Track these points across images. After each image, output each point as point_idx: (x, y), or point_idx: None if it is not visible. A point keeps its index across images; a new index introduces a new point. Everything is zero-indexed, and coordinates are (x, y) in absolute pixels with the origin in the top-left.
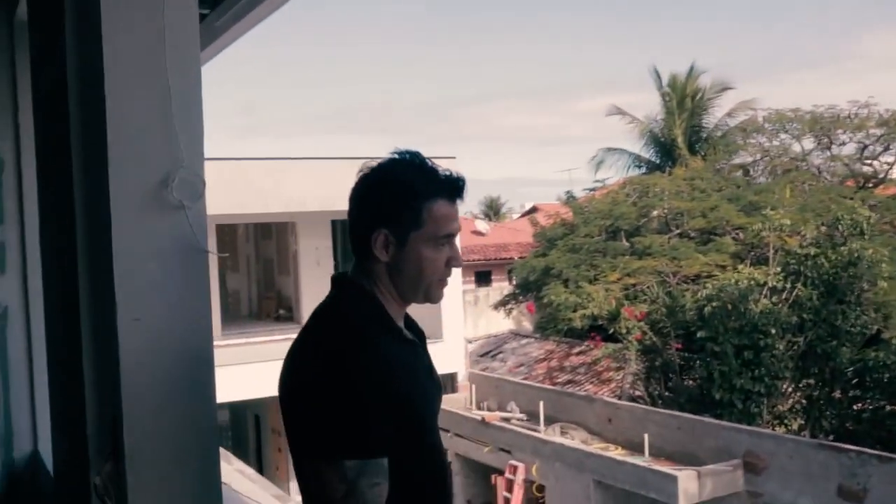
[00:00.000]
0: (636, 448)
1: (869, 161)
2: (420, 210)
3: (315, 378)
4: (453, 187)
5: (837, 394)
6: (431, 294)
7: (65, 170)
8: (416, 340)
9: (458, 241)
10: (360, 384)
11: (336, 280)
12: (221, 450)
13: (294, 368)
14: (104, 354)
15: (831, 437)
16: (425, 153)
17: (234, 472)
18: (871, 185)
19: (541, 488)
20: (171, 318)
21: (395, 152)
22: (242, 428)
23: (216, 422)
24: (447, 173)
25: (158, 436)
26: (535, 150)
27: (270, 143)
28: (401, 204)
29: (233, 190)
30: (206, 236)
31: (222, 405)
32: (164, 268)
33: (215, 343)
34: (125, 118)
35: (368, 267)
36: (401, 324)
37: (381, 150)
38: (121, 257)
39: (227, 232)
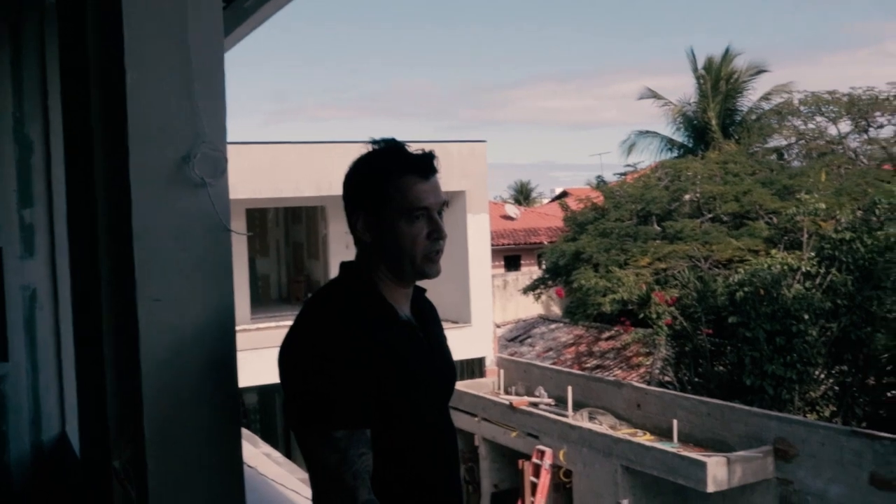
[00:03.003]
0: (665, 434)
1: None
2: (387, 187)
3: (299, 354)
4: (420, 163)
5: (871, 381)
6: (421, 269)
7: (88, 150)
8: (412, 322)
9: (482, 217)
10: (340, 358)
11: (341, 266)
12: (249, 433)
13: (284, 346)
14: (124, 336)
15: (864, 425)
16: (457, 137)
17: (260, 455)
18: None
19: (568, 473)
20: (192, 299)
21: (371, 141)
22: (271, 411)
23: (239, 404)
24: (415, 152)
25: (179, 419)
26: (567, 133)
27: (303, 125)
28: (369, 184)
29: (263, 174)
30: (228, 214)
31: (251, 388)
32: (185, 247)
33: (244, 327)
34: (145, 93)
35: (362, 251)
36: (403, 304)
37: (412, 133)
38: (140, 236)
39: (257, 216)
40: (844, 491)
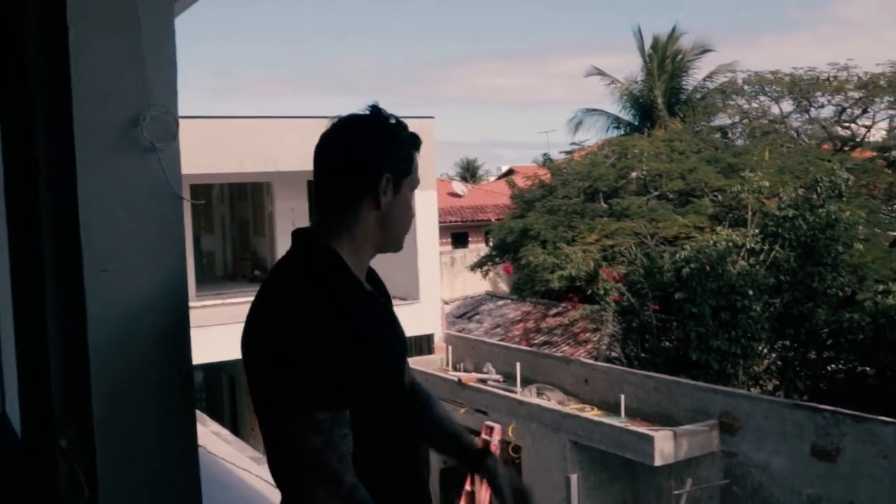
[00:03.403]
0: (612, 409)
1: (847, 124)
2: (411, 156)
3: (278, 333)
4: (418, 140)
5: (812, 355)
6: (401, 243)
7: (27, 111)
8: (375, 293)
9: (430, 194)
10: (322, 337)
11: (296, 235)
12: (197, 411)
13: (256, 326)
14: (69, 309)
15: (806, 398)
16: (404, 114)
17: (209, 433)
18: (848, 147)
19: (517, 449)
20: (142, 268)
21: (369, 108)
22: (217, 390)
23: (192, 379)
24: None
25: (130, 396)
26: (512, 112)
27: (245, 103)
28: (397, 148)
29: (207, 149)
30: (180, 181)
31: (197, 367)
32: (134, 214)
33: (190, 304)
34: (90, 53)
35: (345, 218)
36: (362, 276)
37: (356, 110)
38: (86, 203)
39: (202, 192)
40: (786, 462)
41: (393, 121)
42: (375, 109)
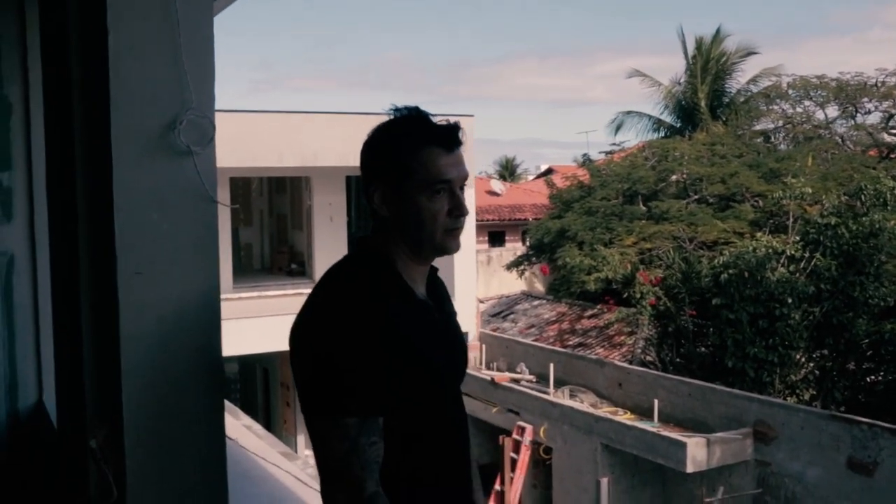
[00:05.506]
0: (646, 413)
1: (894, 130)
2: (409, 160)
3: (313, 336)
4: (445, 134)
5: (851, 365)
6: (441, 245)
7: (68, 114)
8: (428, 302)
9: (468, 192)
10: (355, 342)
11: (353, 241)
12: (229, 404)
13: (298, 327)
14: (103, 309)
15: (843, 409)
16: (444, 112)
17: (241, 427)
18: (895, 155)
19: (548, 450)
20: (175, 272)
21: (393, 109)
22: (251, 382)
23: (223, 381)
24: (440, 122)
25: (159, 400)
26: (553, 111)
27: (286, 96)
28: (390, 156)
29: (247, 143)
30: (215, 185)
31: (232, 358)
32: (168, 218)
33: (226, 296)
34: (129, 57)
35: (379, 226)
36: (420, 283)
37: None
38: (122, 205)
39: (241, 185)
40: (822, 474)
41: (403, 123)
42: (393, 111)
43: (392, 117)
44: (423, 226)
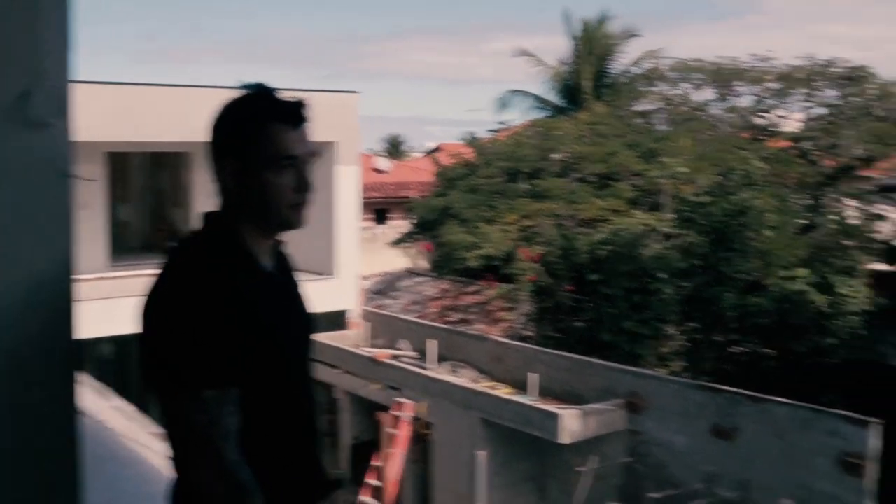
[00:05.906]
0: (525, 387)
1: (763, 114)
2: (255, 135)
3: (163, 313)
4: (290, 110)
5: (719, 337)
6: (287, 219)
7: None
8: (273, 273)
9: (353, 169)
10: (207, 315)
11: (203, 215)
12: (101, 386)
13: (147, 303)
14: None
15: (711, 379)
16: (331, 87)
17: (110, 408)
18: (763, 137)
19: (429, 426)
20: (23, 250)
21: (241, 85)
22: (128, 362)
23: (76, 364)
24: (285, 99)
25: (5, 378)
26: (442, 89)
27: (170, 68)
28: (237, 130)
29: (125, 116)
30: (71, 159)
31: (108, 339)
32: (19, 193)
33: (102, 275)
34: None
35: (226, 200)
36: (266, 256)
37: (284, 81)
38: None
39: (119, 161)
40: (688, 441)
41: (249, 100)
42: (242, 87)
43: (239, 94)
44: (268, 201)
